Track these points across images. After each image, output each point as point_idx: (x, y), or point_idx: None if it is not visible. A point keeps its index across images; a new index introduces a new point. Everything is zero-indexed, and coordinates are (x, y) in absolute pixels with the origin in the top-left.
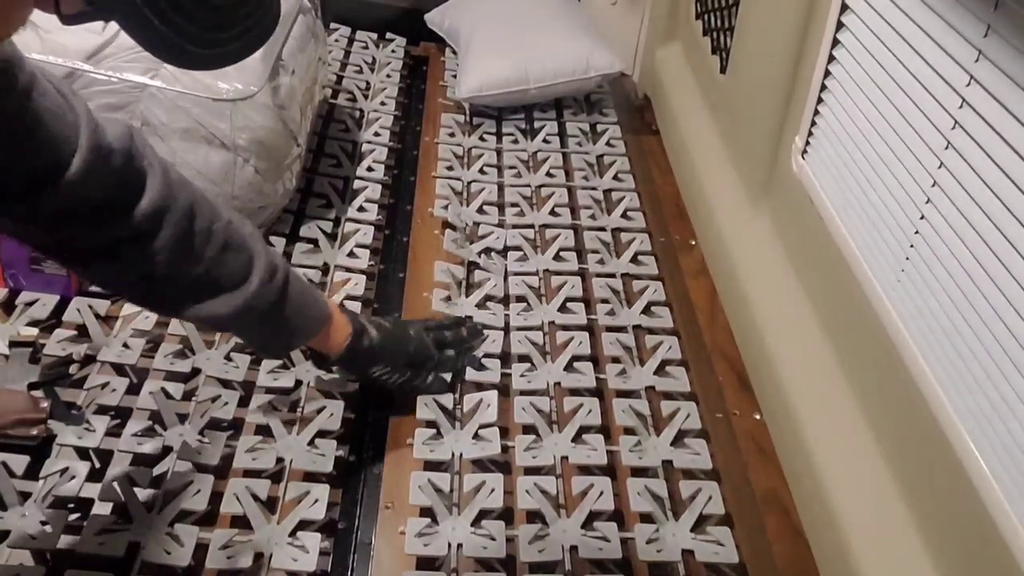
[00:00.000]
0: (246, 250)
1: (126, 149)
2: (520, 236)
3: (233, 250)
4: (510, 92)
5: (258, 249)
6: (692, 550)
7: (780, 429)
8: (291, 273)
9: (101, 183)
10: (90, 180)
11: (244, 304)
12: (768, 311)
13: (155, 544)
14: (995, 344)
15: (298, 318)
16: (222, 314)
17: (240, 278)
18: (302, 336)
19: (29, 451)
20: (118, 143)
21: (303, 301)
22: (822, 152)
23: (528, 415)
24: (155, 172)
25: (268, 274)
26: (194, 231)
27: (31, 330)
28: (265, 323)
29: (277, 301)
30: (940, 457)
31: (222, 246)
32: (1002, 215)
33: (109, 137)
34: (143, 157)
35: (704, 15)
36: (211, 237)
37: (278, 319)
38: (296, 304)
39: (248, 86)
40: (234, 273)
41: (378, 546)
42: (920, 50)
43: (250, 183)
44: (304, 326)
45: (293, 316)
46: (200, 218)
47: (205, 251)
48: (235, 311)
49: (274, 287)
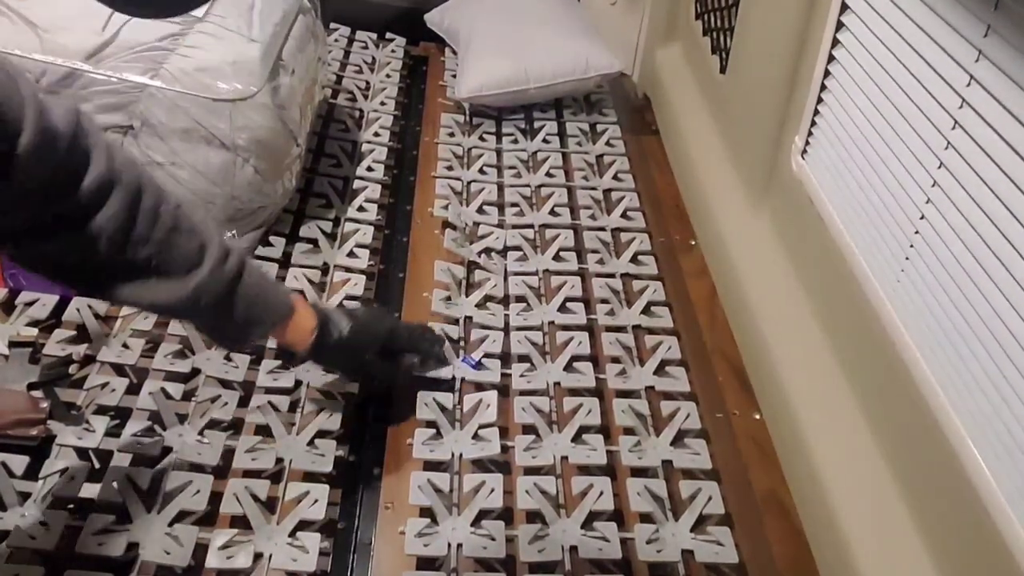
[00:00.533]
0: (197, 235)
1: (71, 132)
2: (520, 236)
3: (183, 233)
4: (510, 92)
5: (211, 235)
6: (692, 550)
7: (780, 429)
8: (248, 263)
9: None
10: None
11: (193, 291)
12: (768, 311)
13: (154, 544)
14: (995, 344)
15: (254, 310)
16: (166, 301)
17: (190, 264)
18: (259, 329)
19: (29, 451)
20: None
21: (260, 293)
22: (822, 152)
23: (528, 415)
24: (100, 151)
25: (220, 261)
26: (139, 211)
27: (31, 330)
28: (217, 313)
29: (229, 291)
30: (940, 457)
31: (170, 228)
32: (1002, 215)
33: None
34: (88, 136)
35: (704, 15)
36: (158, 219)
37: (230, 309)
38: (252, 295)
39: (248, 86)
40: (183, 258)
41: (378, 546)
42: (920, 50)
43: (250, 183)
44: (261, 318)
45: (248, 307)
46: (147, 198)
47: (152, 233)
48: (182, 299)
49: (226, 275)
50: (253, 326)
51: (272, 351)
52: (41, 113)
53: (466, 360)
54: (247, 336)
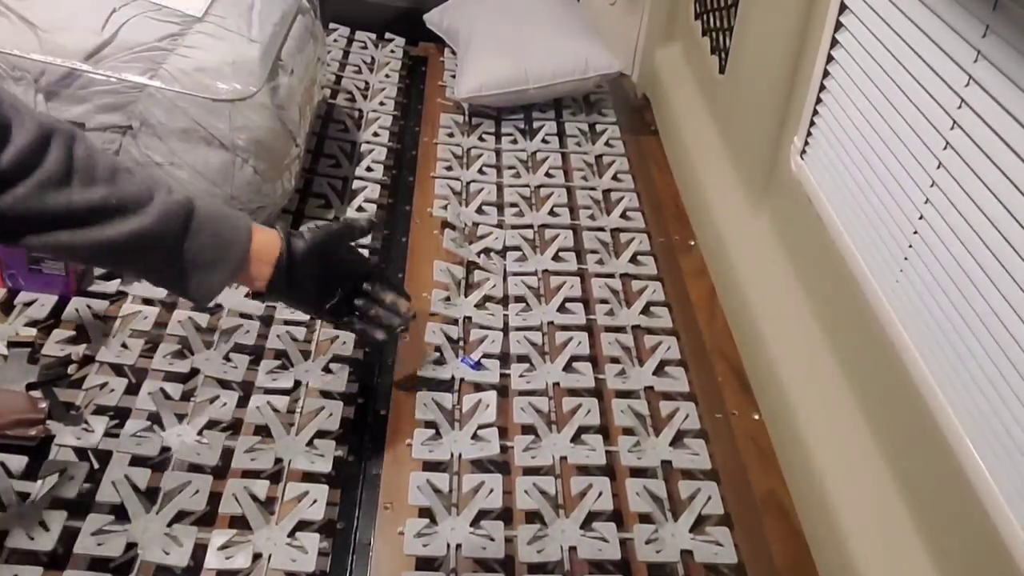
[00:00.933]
0: (140, 174)
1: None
2: (519, 236)
3: (125, 172)
4: (509, 92)
5: (157, 175)
6: (691, 550)
7: (779, 429)
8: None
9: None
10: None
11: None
12: (767, 311)
13: (154, 545)
14: (993, 344)
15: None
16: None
17: (143, 200)
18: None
19: (28, 451)
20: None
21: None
22: (821, 152)
23: (527, 415)
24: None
25: (169, 191)
26: (75, 157)
27: (30, 330)
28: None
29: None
30: (939, 457)
31: (112, 168)
32: (1001, 215)
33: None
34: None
35: (703, 15)
36: (96, 159)
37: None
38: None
39: (247, 86)
40: (134, 195)
41: (377, 546)
42: (919, 50)
43: (249, 183)
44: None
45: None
46: (79, 145)
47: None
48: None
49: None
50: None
51: (272, 351)
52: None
53: (465, 360)
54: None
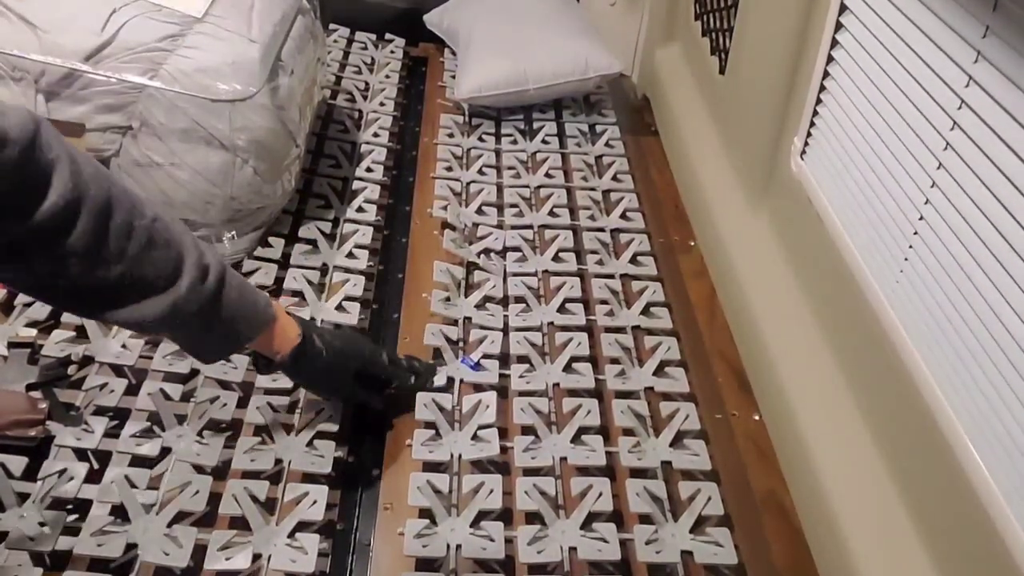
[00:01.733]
0: (174, 248)
1: (27, 140)
2: (519, 237)
3: (159, 248)
4: (509, 93)
5: (188, 247)
6: (691, 551)
7: (779, 430)
8: (228, 273)
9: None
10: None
11: (171, 307)
12: (767, 312)
13: (153, 545)
14: (993, 344)
15: (235, 322)
16: (147, 318)
17: (167, 279)
18: (239, 340)
19: (27, 452)
20: (16, 133)
21: (241, 303)
22: (821, 153)
23: (527, 416)
24: (63, 166)
25: (200, 274)
26: (110, 228)
27: (30, 331)
28: (198, 327)
29: (210, 303)
30: (939, 457)
31: (144, 244)
32: (1001, 215)
33: (7, 126)
34: (49, 150)
35: (703, 16)
36: (132, 234)
37: (212, 322)
38: (233, 307)
39: (247, 87)
40: (160, 274)
41: (377, 547)
42: (919, 51)
43: (249, 184)
44: (242, 330)
45: (229, 319)
46: (118, 214)
47: (125, 249)
48: (162, 314)
49: (207, 289)
50: (233, 339)
51: None
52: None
53: (465, 361)
54: (227, 350)
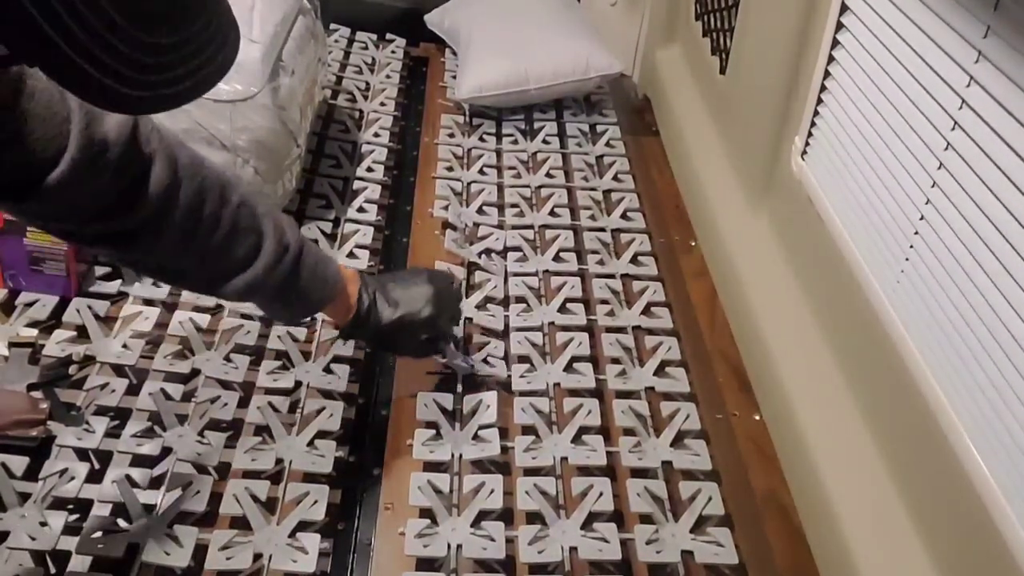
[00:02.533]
0: (255, 232)
1: (125, 140)
2: (520, 237)
3: (241, 234)
4: (510, 93)
5: (268, 231)
6: (692, 551)
7: (780, 430)
8: (305, 250)
9: (95, 180)
10: (80, 180)
11: (247, 286)
12: (768, 312)
13: (154, 545)
14: (995, 345)
15: (307, 294)
16: (226, 294)
17: (247, 261)
18: (307, 312)
19: (28, 452)
20: (115, 134)
21: (312, 279)
22: (822, 153)
23: (528, 416)
24: (160, 161)
25: (277, 256)
26: (200, 221)
27: (30, 331)
28: (273, 299)
29: (285, 281)
30: (940, 458)
31: (228, 231)
32: (1002, 216)
33: (105, 129)
34: (147, 144)
35: (704, 16)
36: (219, 224)
37: (286, 296)
38: (305, 283)
39: (248, 87)
40: (241, 256)
41: (378, 547)
42: (920, 51)
43: (250, 184)
44: (312, 302)
45: (302, 293)
46: (207, 205)
47: (212, 239)
48: (240, 291)
49: (283, 269)
50: (303, 310)
51: (272, 352)
52: (88, 125)
53: (466, 361)
54: (297, 318)
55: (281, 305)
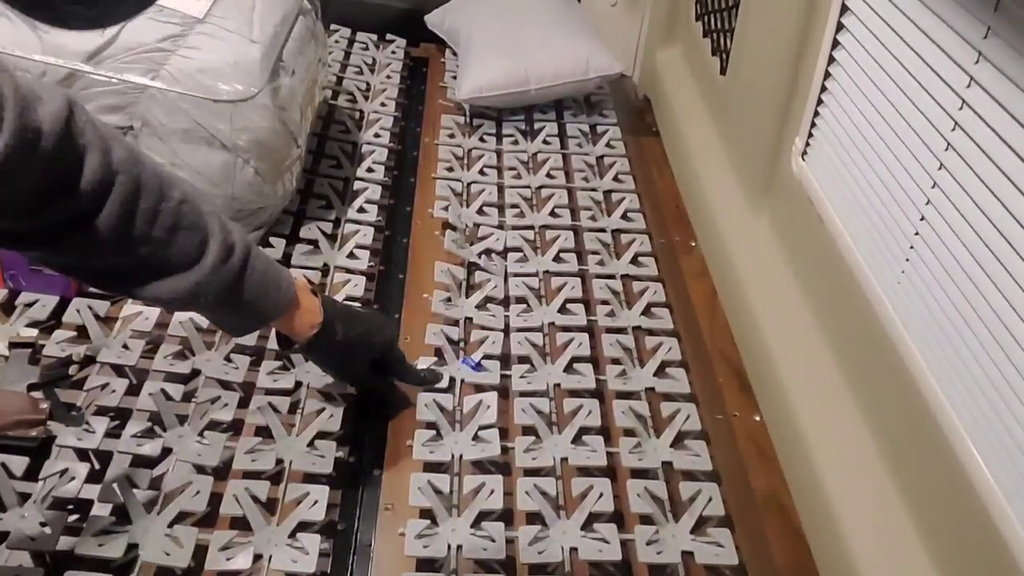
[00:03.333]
0: (199, 230)
1: (59, 130)
2: (520, 237)
3: (184, 230)
4: (510, 93)
5: (214, 229)
6: (692, 552)
7: (780, 431)
8: (253, 254)
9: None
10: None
11: (194, 286)
12: (768, 312)
13: (154, 545)
14: (995, 345)
15: (256, 302)
16: (170, 295)
17: (190, 260)
18: (260, 320)
19: (28, 452)
20: (49, 124)
21: (263, 286)
22: (822, 153)
23: (528, 416)
24: (93, 152)
25: (222, 257)
26: (136, 214)
27: (31, 331)
28: (219, 306)
29: (233, 284)
30: (940, 458)
31: (171, 227)
32: (1002, 216)
33: (41, 116)
34: (81, 135)
35: (704, 17)
36: (157, 217)
37: (233, 302)
38: (255, 288)
39: (248, 87)
40: (184, 255)
41: (378, 547)
42: (920, 51)
43: (250, 184)
44: (263, 311)
45: (251, 300)
46: (145, 198)
47: (151, 232)
48: (184, 293)
49: (229, 270)
50: (254, 319)
51: (273, 352)
52: (22, 113)
53: (466, 361)
54: (247, 328)
55: (229, 311)
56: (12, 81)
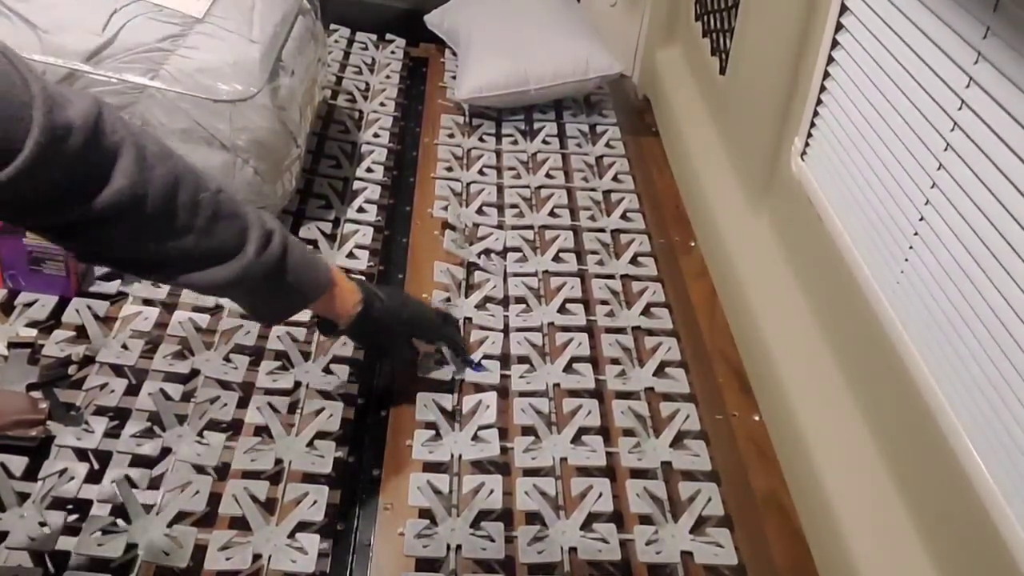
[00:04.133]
0: (239, 219)
1: (90, 127)
2: (519, 237)
3: (224, 219)
4: (510, 93)
5: (252, 218)
6: (691, 552)
7: (779, 430)
8: (290, 240)
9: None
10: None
11: (240, 274)
12: (768, 312)
13: (153, 545)
14: (994, 345)
15: (298, 285)
16: (219, 282)
17: (234, 248)
18: (301, 303)
19: (28, 452)
20: (80, 120)
21: (303, 268)
22: (822, 153)
23: (527, 416)
24: (127, 148)
25: (264, 243)
26: (177, 205)
27: (30, 331)
28: (263, 291)
29: (275, 270)
30: (939, 458)
31: (211, 217)
32: (1001, 216)
33: (71, 115)
34: (113, 133)
35: (704, 16)
36: (198, 209)
37: (277, 287)
38: (295, 272)
39: (248, 87)
40: (226, 243)
41: (377, 547)
42: (919, 52)
43: (249, 184)
44: (304, 293)
45: (292, 284)
46: (184, 190)
47: (193, 223)
48: (230, 281)
49: (271, 255)
50: (296, 301)
51: (272, 352)
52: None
53: (466, 361)
54: (289, 312)
55: (272, 294)
56: (40, 82)
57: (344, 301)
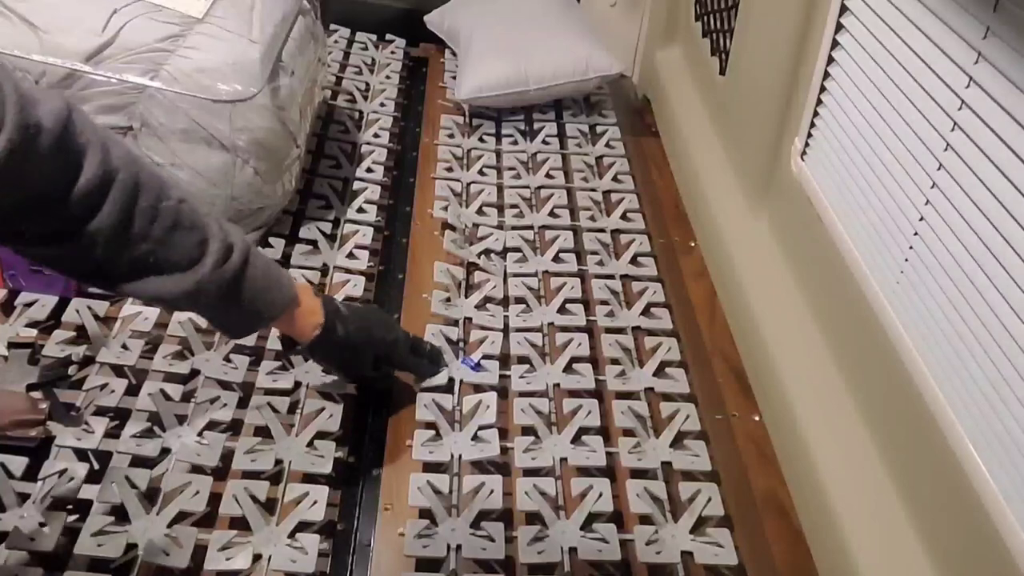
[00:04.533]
0: (199, 229)
1: (60, 128)
2: (519, 237)
3: (184, 229)
4: (509, 93)
5: (214, 228)
6: (691, 552)
7: (780, 431)
8: (252, 254)
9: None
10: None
11: (194, 286)
12: (768, 312)
13: (154, 545)
14: (994, 345)
15: (253, 303)
16: (168, 294)
17: (191, 259)
18: (258, 320)
19: (28, 452)
20: (50, 121)
21: (263, 286)
22: (822, 154)
23: (527, 416)
24: (94, 150)
25: (222, 257)
26: (136, 210)
27: (30, 331)
28: (219, 305)
29: (232, 284)
30: (939, 458)
31: (170, 226)
32: (1001, 216)
33: (40, 115)
34: (80, 135)
35: (704, 17)
36: (157, 215)
37: (233, 302)
38: (253, 289)
39: (248, 87)
40: (184, 254)
41: (377, 547)
42: (919, 52)
43: (249, 184)
44: (258, 311)
45: (250, 300)
46: (144, 196)
47: (150, 230)
48: (183, 293)
49: (228, 270)
50: (255, 318)
51: (272, 352)
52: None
53: (466, 361)
54: (249, 328)
55: (229, 310)
56: (12, 80)
57: (304, 323)
